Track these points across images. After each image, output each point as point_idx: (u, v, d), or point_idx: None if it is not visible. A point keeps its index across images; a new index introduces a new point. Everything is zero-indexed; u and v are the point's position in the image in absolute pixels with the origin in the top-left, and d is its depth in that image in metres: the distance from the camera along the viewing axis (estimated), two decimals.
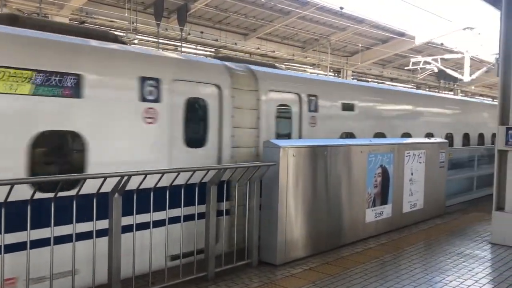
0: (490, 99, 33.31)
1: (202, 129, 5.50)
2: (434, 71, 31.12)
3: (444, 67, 29.72)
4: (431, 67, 29.77)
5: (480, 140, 13.06)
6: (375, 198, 6.63)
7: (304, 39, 25.95)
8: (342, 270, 5.11)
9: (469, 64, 28.88)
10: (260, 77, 6.25)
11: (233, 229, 5.34)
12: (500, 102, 6.56)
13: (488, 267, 5.43)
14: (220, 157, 5.58)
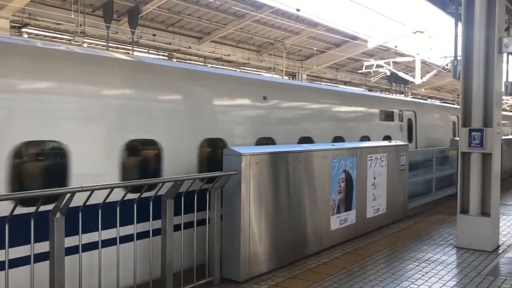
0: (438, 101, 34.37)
1: None
2: (386, 74, 31.78)
3: (396, 70, 30.38)
4: (384, 70, 30.36)
5: None
6: (339, 205, 6.39)
7: (259, 42, 25.80)
8: (310, 284, 4.80)
9: (419, 67, 29.64)
10: None
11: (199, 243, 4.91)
12: (462, 105, 6.50)
13: (456, 272, 5.29)
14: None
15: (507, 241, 6.69)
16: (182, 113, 5.54)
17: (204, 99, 5.86)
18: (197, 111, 5.64)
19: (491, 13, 6.26)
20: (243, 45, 25.29)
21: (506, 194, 11.27)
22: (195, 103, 5.68)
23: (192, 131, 5.53)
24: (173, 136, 5.32)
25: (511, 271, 5.33)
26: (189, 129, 5.51)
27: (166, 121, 5.32)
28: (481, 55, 6.29)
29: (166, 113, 5.36)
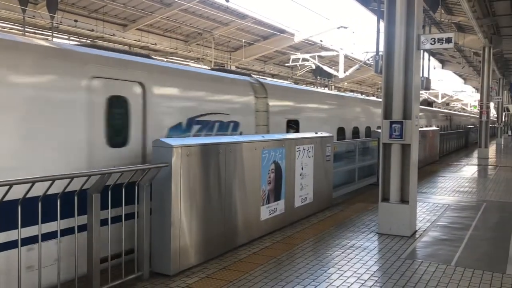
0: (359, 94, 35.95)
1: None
2: (312, 68, 32.67)
3: (320, 64, 31.32)
4: (309, 64, 31.17)
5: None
6: (269, 195, 6.49)
7: (187, 32, 25.43)
8: (241, 275, 4.84)
9: (343, 61, 30.77)
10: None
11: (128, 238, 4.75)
12: (383, 98, 6.83)
13: (378, 257, 5.58)
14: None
15: (423, 226, 7.17)
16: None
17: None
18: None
19: (410, 12, 6.62)
20: (170, 34, 24.81)
21: (422, 182, 12.07)
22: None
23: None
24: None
25: (426, 254, 5.72)
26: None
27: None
28: (401, 51, 6.64)
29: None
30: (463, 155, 21.92)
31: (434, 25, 18.72)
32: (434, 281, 4.76)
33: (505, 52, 25.67)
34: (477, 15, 18.07)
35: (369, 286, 4.59)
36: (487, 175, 14.24)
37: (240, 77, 8.66)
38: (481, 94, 22.23)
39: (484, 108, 21.53)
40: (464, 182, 12.30)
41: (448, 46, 6.65)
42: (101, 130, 5.08)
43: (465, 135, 29.30)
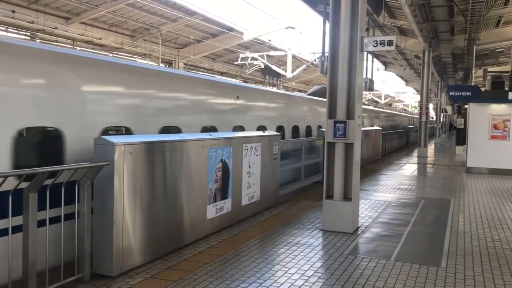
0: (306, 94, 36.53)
1: None
2: (261, 67, 32.88)
3: (269, 63, 31.57)
4: (258, 63, 31.35)
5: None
6: (216, 194, 6.47)
7: (134, 27, 24.85)
8: (186, 274, 4.79)
9: (291, 61, 31.17)
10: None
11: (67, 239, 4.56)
12: (328, 98, 6.98)
13: (322, 254, 5.70)
14: None
15: (365, 222, 7.40)
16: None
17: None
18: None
19: (354, 14, 6.80)
20: (116, 29, 24.13)
21: (365, 180, 12.47)
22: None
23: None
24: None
25: (368, 250, 5.91)
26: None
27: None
28: (346, 53, 6.81)
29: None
30: (404, 154, 22.84)
31: (377, 28, 19.37)
32: (375, 276, 4.93)
33: (443, 56, 26.98)
34: (417, 19, 18.88)
35: (313, 283, 4.68)
36: (426, 173, 14.92)
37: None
38: (421, 96, 23.24)
39: (424, 109, 22.52)
40: (405, 180, 12.82)
41: (389, 48, 6.89)
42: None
43: (406, 135, 30.55)
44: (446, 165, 17.74)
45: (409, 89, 64.35)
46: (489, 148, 14.99)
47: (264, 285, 4.57)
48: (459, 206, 9.03)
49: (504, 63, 36.41)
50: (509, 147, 14.76)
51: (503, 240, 6.55)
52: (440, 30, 22.01)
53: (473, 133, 15.23)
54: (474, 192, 10.96)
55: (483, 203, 9.48)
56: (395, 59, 34.62)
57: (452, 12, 20.34)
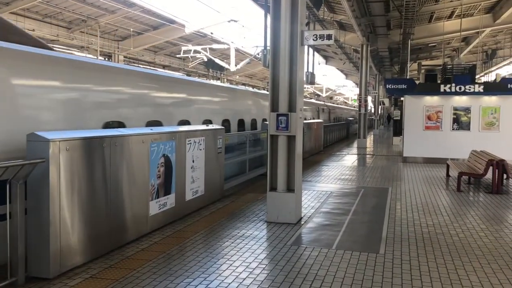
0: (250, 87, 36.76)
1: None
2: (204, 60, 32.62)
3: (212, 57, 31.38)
4: (201, 56, 31.07)
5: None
6: (158, 189, 6.36)
7: (70, 19, 23.83)
8: (128, 272, 4.69)
9: (234, 54, 31.14)
10: None
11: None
12: (271, 91, 7.04)
13: (266, 245, 5.76)
14: None
15: (308, 213, 7.56)
16: None
17: None
18: None
19: (294, 8, 6.88)
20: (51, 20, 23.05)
21: (308, 171, 12.73)
22: None
23: None
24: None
25: (310, 240, 6.04)
26: None
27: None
28: (287, 46, 6.88)
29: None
30: (345, 145, 23.54)
31: (317, 23, 19.76)
32: (317, 264, 5.05)
33: (380, 50, 28.01)
34: (355, 14, 19.45)
35: (257, 274, 4.72)
36: (365, 163, 15.46)
37: None
38: (360, 89, 24.01)
39: (363, 101, 23.29)
40: (345, 170, 13.22)
41: (329, 42, 7.04)
42: None
43: (347, 127, 31.48)
44: (384, 155, 18.46)
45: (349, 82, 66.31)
46: (424, 138, 15.76)
47: (208, 279, 4.56)
48: (396, 194, 9.43)
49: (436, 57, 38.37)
50: (441, 137, 15.59)
51: (437, 225, 6.92)
52: (377, 25, 22.82)
53: (409, 124, 15.93)
54: (410, 180, 11.49)
55: (418, 190, 9.96)
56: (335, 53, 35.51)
57: (388, 8, 21.14)
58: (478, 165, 10.56)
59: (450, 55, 38.70)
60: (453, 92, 15.34)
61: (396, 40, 25.63)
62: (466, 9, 23.34)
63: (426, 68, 30.13)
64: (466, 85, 15.20)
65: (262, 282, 4.50)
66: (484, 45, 34.74)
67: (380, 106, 44.85)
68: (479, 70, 37.05)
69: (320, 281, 4.55)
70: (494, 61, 37.99)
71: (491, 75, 39.92)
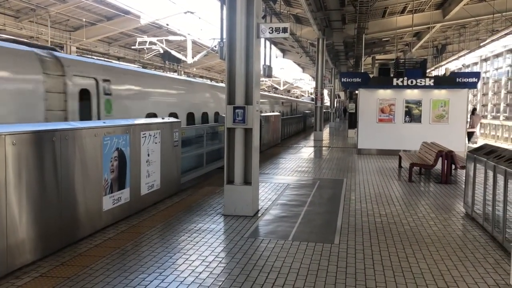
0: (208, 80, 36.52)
1: None
2: (160, 52, 32.07)
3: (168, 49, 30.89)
4: (157, 47, 30.52)
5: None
6: (112, 184, 6.21)
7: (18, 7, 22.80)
8: (81, 269, 4.56)
9: (191, 47, 30.78)
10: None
11: None
12: (227, 84, 7.00)
13: (223, 238, 5.75)
14: None
15: (265, 205, 7.61)
16: None
17: None
18: None
19: (250, 0, 6.85)
20: None
21: (266, 164, 12.80)
22: None
23: None
24: None
25: (267, 232, 6.09)
26: None
27: None
28: (243, 39, 6.86)
29: None
30: (302, 138, 23.83)
31: (274, 16, 19.81)
32: (273, 256, 5.09)
33: (336, 44, 28.45)
34: (311, 8, 19.64)
35: (213, 267, 4.71)
36: (322, 155, 15.72)
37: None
38: (316, 82, 24.33)
39: (319, 94, 23.61)
40: (302, 163, 13.39)
41: (284, 35, 7.07)
42: None
43: (303, 120, 31.87)
44: (340, 147, 18.83)
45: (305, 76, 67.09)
46: (377, 130, 16.18)
47: (164, 274, 4.50)
48: (351, 185, 9.65)
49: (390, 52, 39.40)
50: (394, 129, 16.06)
51: (389, 215, 7.13)
52: (332, 19, 23.14)
53: (363, 117, 16.31)
54: (364, 171, 11.78)
55: (372, 181, 10.23)
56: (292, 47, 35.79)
57: (343, 2, 21.47)
58: (429, 156, 10.95)
59: (403, 50, 39.87)
60: (405, 86, 15.81)
61: (351, 35, 26.12)
62: (418, 5, 24.07)
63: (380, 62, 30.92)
64: (417, 79, 15.71)
65: (218, 275, 4.50)
66: (435, 40, 36.01)
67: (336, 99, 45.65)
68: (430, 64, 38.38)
69: (276, 273, 4.59)
70: (444, 55, 39.44)
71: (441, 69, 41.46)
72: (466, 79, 15.67)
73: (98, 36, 28.61)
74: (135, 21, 27.18)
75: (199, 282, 4.32)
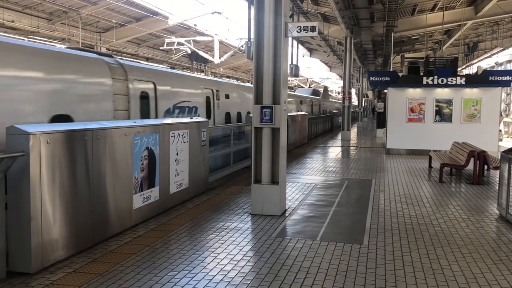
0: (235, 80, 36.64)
1: None
2: (188, 52, 32.35)
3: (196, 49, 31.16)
4: (185, 48, 30.81)
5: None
6: (142, 182, 6.31)
7: (51, 10, 23.40)
8: (112, 266, 4.65)
9: (218, 47, 30.96)
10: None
11: None
12: (255, 84, 7.02)
13: (251, 238, 5.77)
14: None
15: (292, 205, 7.59)
16: None
17: None
18: None
19: (278, 0, 6.85)
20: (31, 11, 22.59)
21: (292, 163, 12.77)
22: None
23: None
24: None
25: (295, 231, 6.07)
26: None
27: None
28: (270, 38, 6.86)
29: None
30: (329, 138, 23.65)
31: (302, 15, 19.73)
32: (302, 256, 5.07)
33: (364, 42, 28.11)
34: (339, 6, 19.46)
35: (242, 266, 4.73)
36: (349, 155, 15.56)
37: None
38: (344, 81, 24.10)
39: (347, 94, 23.39)
40: (330, 163, 13.29)
41: (313, 34, 7.03)
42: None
43: (331, 119, 31.62)
44: (368, 147, 18.61)
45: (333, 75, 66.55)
46: (407, 130, 15.91)
47: (193, 272, 4.55)
48: (380, 186, 9.52)
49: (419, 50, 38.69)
50: (424, 129, 15.76)
51: (419, 216, 7.00)
52: (361, 17, 22.88)
53: (392, 116, 16.07)
54: (393, 172, 11.61)
55: (401, 182, 10.07)
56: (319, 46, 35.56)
57: (372, 0, 21.20)
58: (460, 156, 10.71)
59: (433, 48, 39.09)
60: (435, 85, 15.49)
61: (380, 33, 25.77)
62: (449, 2, 23.56)
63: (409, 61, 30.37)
64: (448, 78, 15.37)
65: (246, 274, 4.51)
66: (466, 37, 35.17)
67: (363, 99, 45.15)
68: (461, 62, 37.52)
69: (304, 273, 4.57)
70: (475, 53, 38.50)
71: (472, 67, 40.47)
72: (500, 77, 15.24)
73: (128, 37, 29.10)
74: (164, 22, 27.53)
75: (227, 281, 4.34)
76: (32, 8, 22.16)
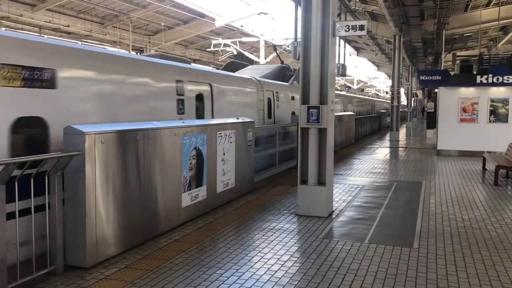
0: None
1: None
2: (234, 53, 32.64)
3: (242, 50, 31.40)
4: (231, 49, 31.12)
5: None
6: (190, 181, 6.43)
7: (103, 14, 24.28)
8: (162, 263, 4.77)
9: (264, 47, 31.05)
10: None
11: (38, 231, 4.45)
12: (301, 84, 6.99)
13: (298, 238, 5.74)
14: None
15: (340, 206, 7.50)
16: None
17: None
18: None
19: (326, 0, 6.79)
20: (84, 16, 23.52)
21: (339, 164, 12.61)
22: None
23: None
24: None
25: (342, 233, 5.99)
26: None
27: None
28: (318, 38, 6.80)
29: None
30: (377, 138, 23.18)
31: (349, 13, 19.46)
32: (349, 258, 5.00)
33: (413, 40, 27.37)
34: (388, 4, 19.04)
35: (289, 267, 4.72)
36: (398, 156, 15.19)
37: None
38: (392, 80, 23.55)
39: (395, 93, 22.85)
40: (377, 164, 13.02)
41: (361, 33, 6.91)
42: None
43: (378, 120, 30.98)
44: (418, 148, 18.09)
45: (380, 74, 65.17)
46: (459, 130, 15.35)
47: (240, 271, 4.58)
48: (430, 188, 9.23)
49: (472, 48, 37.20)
50: (477, 130, 15.15)
51: (472, 219, 6.74)
52: (410, 15, 22.28)
53: (443, 116, 15.54)
54: (445, 174, 11.22)
55: (453, 184, 9.72)
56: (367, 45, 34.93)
57: None
58: None
59: (487, 45, 37.46)
60: (490, 83, 14.86)
61: (430, 31, 24.98)
62: None
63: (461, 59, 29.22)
64: (504, 76, 14.69)
65: (293, 275, 4.49)
66: None
67: (413, 98, 43.94)
68: None
69: (352, 275, 4.51)
70: None
71: None
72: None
73: (176, 40, 29.75)
74: (210, 24, 27.94)
75: (274, 281, 4.34)
76: (86, 12, 23.08)
